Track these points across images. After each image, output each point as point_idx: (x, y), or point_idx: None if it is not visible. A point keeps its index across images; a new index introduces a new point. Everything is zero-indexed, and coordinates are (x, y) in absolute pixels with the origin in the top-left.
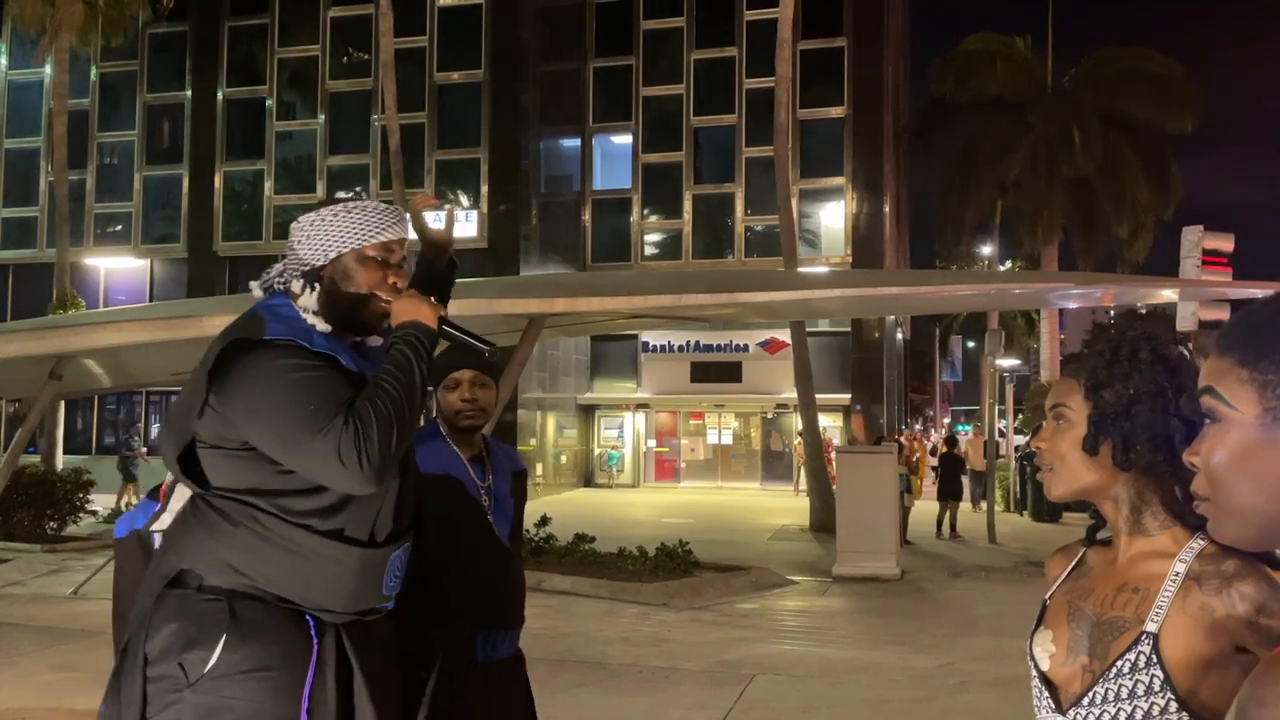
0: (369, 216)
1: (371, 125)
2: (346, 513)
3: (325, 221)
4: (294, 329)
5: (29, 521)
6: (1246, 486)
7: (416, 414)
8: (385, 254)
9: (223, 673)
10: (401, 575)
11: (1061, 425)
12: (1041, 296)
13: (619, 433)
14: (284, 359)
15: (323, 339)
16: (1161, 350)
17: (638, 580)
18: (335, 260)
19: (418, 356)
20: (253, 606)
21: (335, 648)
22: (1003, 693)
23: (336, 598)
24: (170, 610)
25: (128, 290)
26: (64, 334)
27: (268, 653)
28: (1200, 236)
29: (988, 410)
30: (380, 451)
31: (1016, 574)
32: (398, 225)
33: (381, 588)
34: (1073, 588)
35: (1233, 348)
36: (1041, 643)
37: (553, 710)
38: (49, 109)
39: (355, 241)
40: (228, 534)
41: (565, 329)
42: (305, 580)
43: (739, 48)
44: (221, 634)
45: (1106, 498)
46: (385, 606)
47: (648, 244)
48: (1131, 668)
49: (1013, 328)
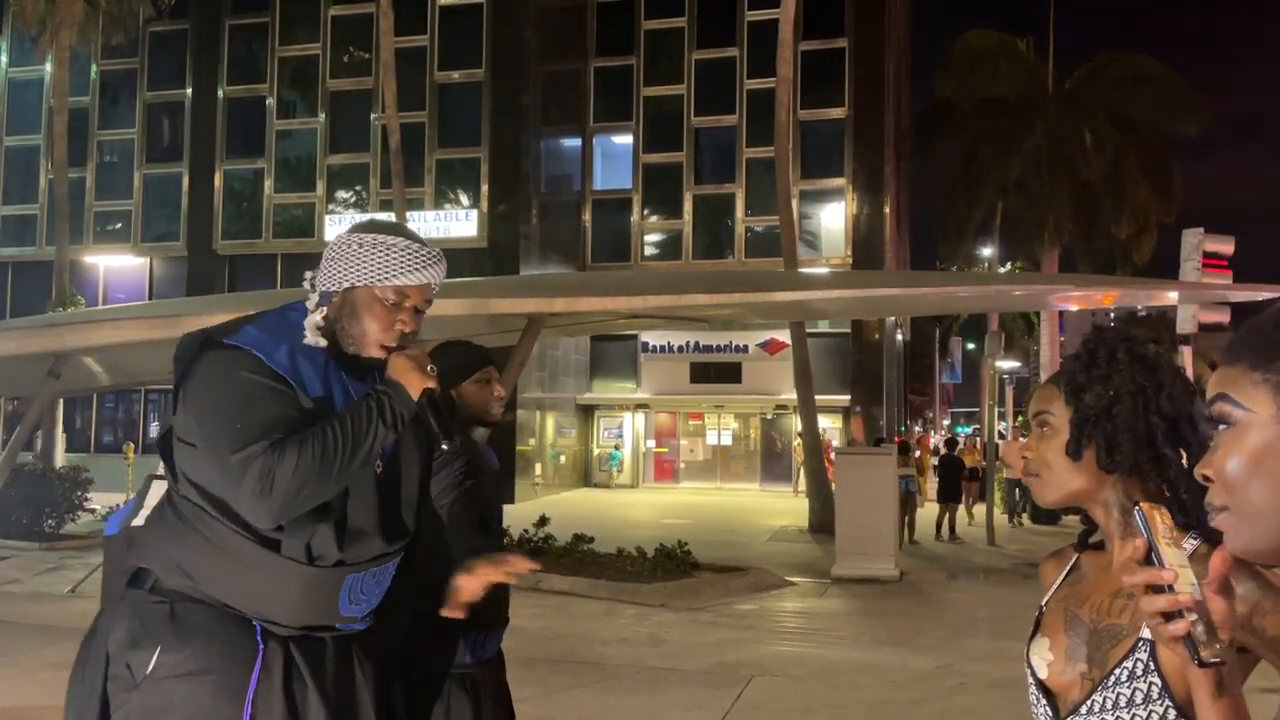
0: (393, 256)
1: (372, 124)
2: (286, 528)
3: (349, 249)
4: (267, 337)
5: (27, 519)
6: (1267, 487)
7: (345, 472)
8: (399, 297)
9: (164, 674)
10: (374, 596)
11: (1045, 432)
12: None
13: (618, 433)
14: (234, 368)
15: (286, 357)
16: (1138, 350)
17: (636, 581)
18: (347, 292)
19: (380, 418)
20: (196, 609)
21: (284, 657)
22: (1001, 694)
23: (279, 610)
24: (124, 609)
25: (127, 288)
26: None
27: (207, 655)
28: (1201, 239)
29: (987, 412)
30: (286, 490)
31: (1015, 576)
32: (424, 270)
33: (337, 607)
34: (1068, 594)
35: (1241, 355)
36: (1038, 651)
37: (551, 710)
38: (49, 107)
39: (370, 278)
40: (181, 534)
41: (565, 329)
42: (247, 589)
43: (740, 48)
44: (160, 635)
45: (1096, 502)
46: (350, 627)
47: (648, 244)
48: (1130, 675)
49: (1013, 330)
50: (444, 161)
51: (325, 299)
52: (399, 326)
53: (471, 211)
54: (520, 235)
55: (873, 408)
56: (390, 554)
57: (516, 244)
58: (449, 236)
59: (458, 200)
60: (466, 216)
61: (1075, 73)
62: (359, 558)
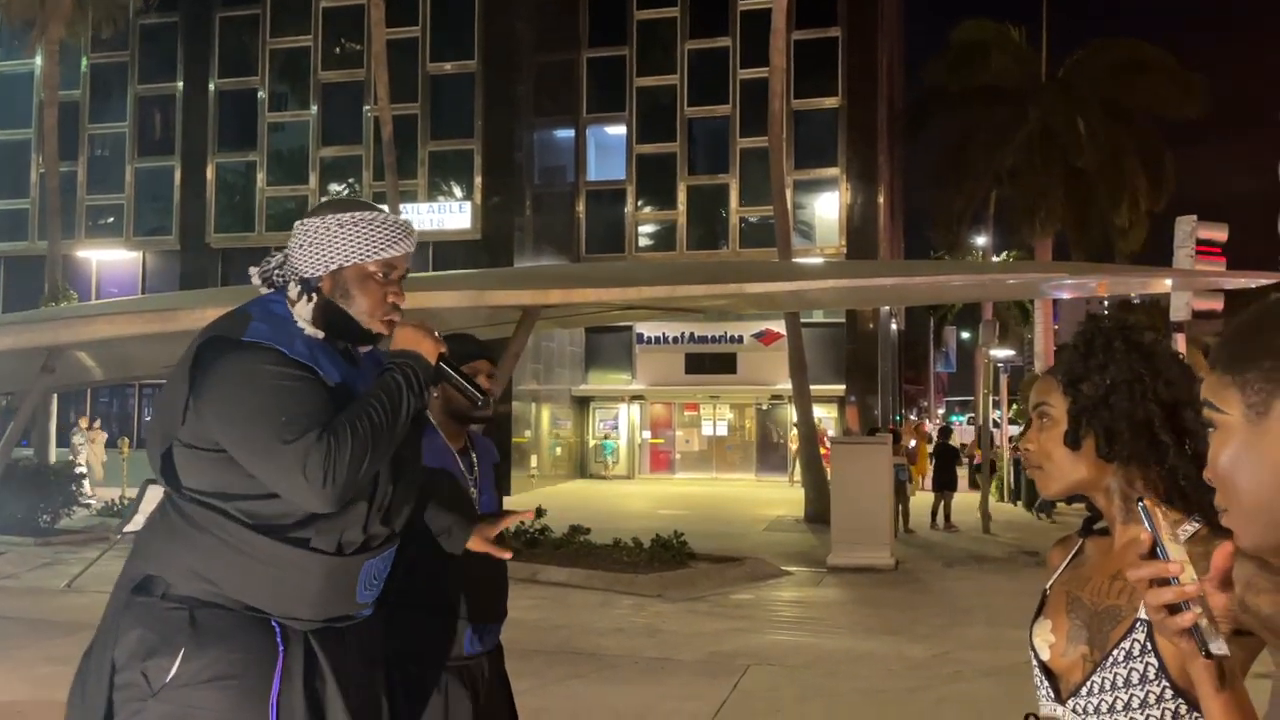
0: (373, 231)
1: (364, 116)
2: (316, 522)
3: (329, 231)
4: (279, 331)
5: (22, 515)
6: (1249, 484)
7: (393, 443)
8: (387, 270)
9: (185, 681)
10: (381, 581)
11: (1045, 423)
12: (1035, 287)
13: (614, 424)
14: (262, 363)
15: (304, 346)
16: (1135, 338)
17: (633, 571)
18: (335, 274)
19: (409, 389)
20: (216, 614)
21: (305, 655)
22: (997, 681)
23: (304, 605)
24: (135, 617)
25: (120, 283)
26: (56, 326)
27: (230, 661)
28: (1194, 226)
29: (982, 401)
30: (347, 473)
31: (1010, 564)
32: (403, 240)
33: (354, 595)
34: (1071, 578)
35: (1218, 361)
36: (1041, 633)
37: (548, 701)
38: (39, 100)
39: (357, 257)
40: (194, 539)
41: (560, 321)
42: (270, 587)
43: (733, 38)
44: (182, 642)
45: (1098, 490)
46: (361, 614)
47: (642, 235)
48: (1127, 655)
49: (1007, 318)
50: (437, 153)
51: (309, 286)
52: (393, 299)
53: (465, 204)
54: (514, 227)
55: (867, 397)
56: (398, 536)
57: (510, 236)
58: (443, 229)
59: (451, 192)
60: (460, 209)
61: (1069, 59)
62: (377, 542)
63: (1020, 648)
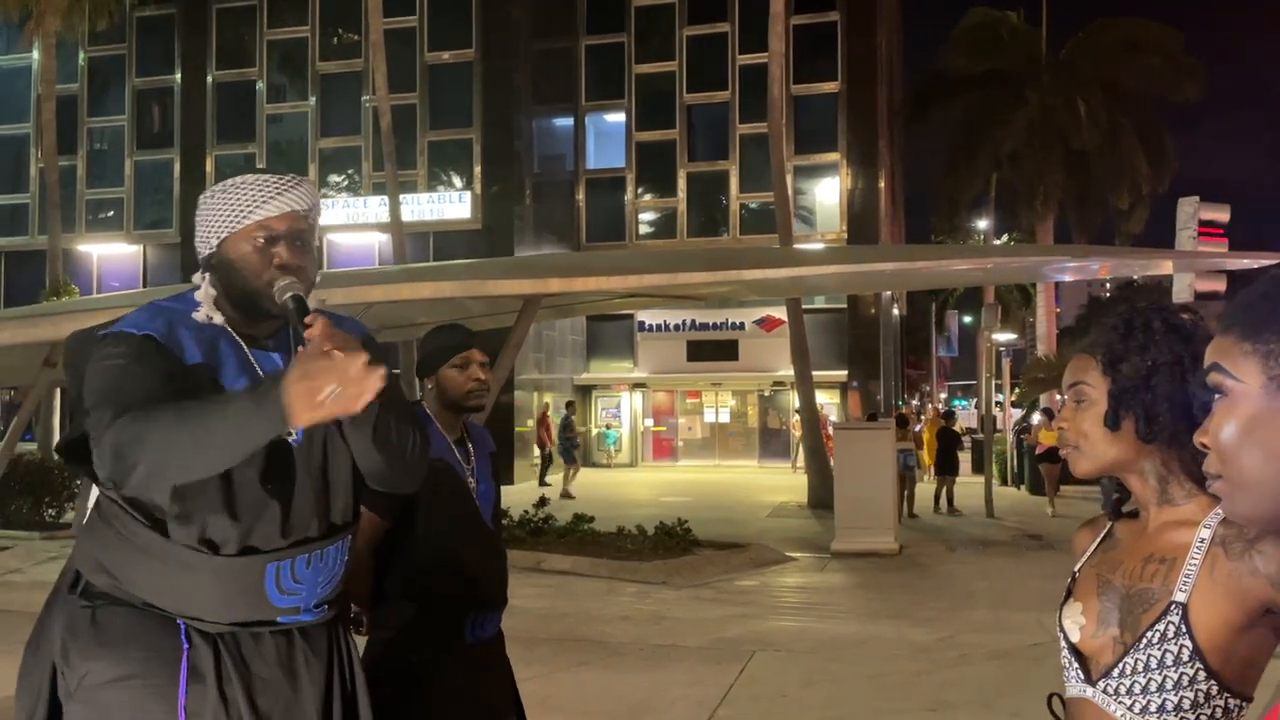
0: (244, 193)
1: (363, 107)
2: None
3: (205, 205)
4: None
5: (27, 509)
6: (1257, 456)
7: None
8: (265, 232)
9: (94, 682)
10: (320, 585)
11: (1082, 403)
12: (1037, 270)
13: (616, 412)
14: (99, 352)
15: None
16: (1174, 320)
17: (637, 559)
18: (220, 248)
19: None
20: (116, 612)
21: (214, 657)
22: (1001, 665)
23: (203, 606)
24: (56, 614)
25: (121, 276)
26: (57, 321)
27: (129, 659)
28: (1196, 208)
29: (984, 384)
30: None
31: (1014, 548)
32: (279, 198)
33: (266, 599)
34: (1101, 560)
35: (1233, 325)
36: (1071, 615)
37: (553, 689)
38: (37, 94)
39: (230, 225)
40: (101, 533)
41: (561, 309)
42: (164, 585)
43: (731, 23)
44: (86, 641)
45: (1132, 471)
46: (294, 619)
47: (642, 223)
48: (1161, 638)
49: (1009, 302)
50: (436, 143)
51: (204, 265)
52: (276, 260)
53: (465, 193)
54: (514, 216)
55: (870, 382)
56: (319, 540)
57: (511, 225)
58: (443, 219)
59: (450, 182)
60: (460, 198)
61: (1070, 41)
62: (273, 544)
63: (1024, 631)
